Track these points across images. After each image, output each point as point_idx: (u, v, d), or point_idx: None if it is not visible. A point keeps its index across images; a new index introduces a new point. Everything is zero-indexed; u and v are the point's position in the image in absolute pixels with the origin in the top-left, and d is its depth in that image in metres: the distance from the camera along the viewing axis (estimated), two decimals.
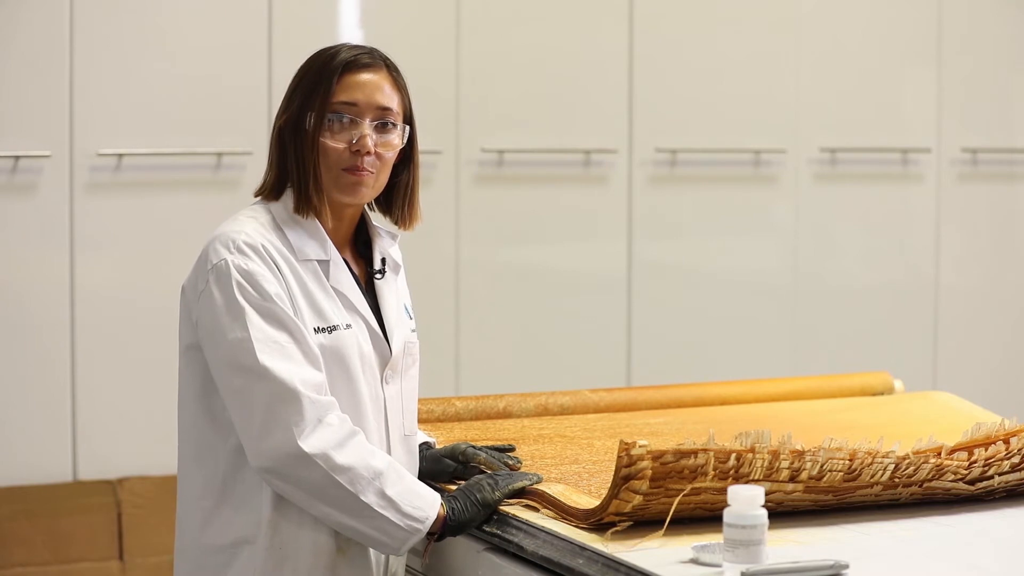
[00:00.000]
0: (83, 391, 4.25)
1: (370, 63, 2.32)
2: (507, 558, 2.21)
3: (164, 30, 4.35)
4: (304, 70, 2.31)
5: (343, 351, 2.25)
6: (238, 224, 2.25)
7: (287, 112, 2.30)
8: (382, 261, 2.39)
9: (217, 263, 2.19)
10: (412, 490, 2.20)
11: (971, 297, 5.39)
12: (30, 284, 4.24)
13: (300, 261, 2.26)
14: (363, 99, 2.30)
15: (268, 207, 2.30)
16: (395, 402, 2.34)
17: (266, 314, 2.17)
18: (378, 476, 2.16)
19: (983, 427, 2.31)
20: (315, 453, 2.13)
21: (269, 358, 2.14)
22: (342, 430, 2.16)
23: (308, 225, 2.28)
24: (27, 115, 4.20)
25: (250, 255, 2.20)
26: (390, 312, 2.36)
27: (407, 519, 2.18)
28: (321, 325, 2.24)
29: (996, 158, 5.40)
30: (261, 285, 2.18)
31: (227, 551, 2.25)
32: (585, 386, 3.16)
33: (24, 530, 4.10)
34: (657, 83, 4.91)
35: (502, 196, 4.74)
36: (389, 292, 2.38)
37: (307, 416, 2.14)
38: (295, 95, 2.29)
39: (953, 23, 5.28)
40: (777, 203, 5.12)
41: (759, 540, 1.90)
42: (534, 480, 2.31)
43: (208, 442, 2.25)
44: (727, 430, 2.29)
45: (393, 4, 4.66)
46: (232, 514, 2.24)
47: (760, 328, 5.09)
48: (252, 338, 2.15)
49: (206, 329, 2.20)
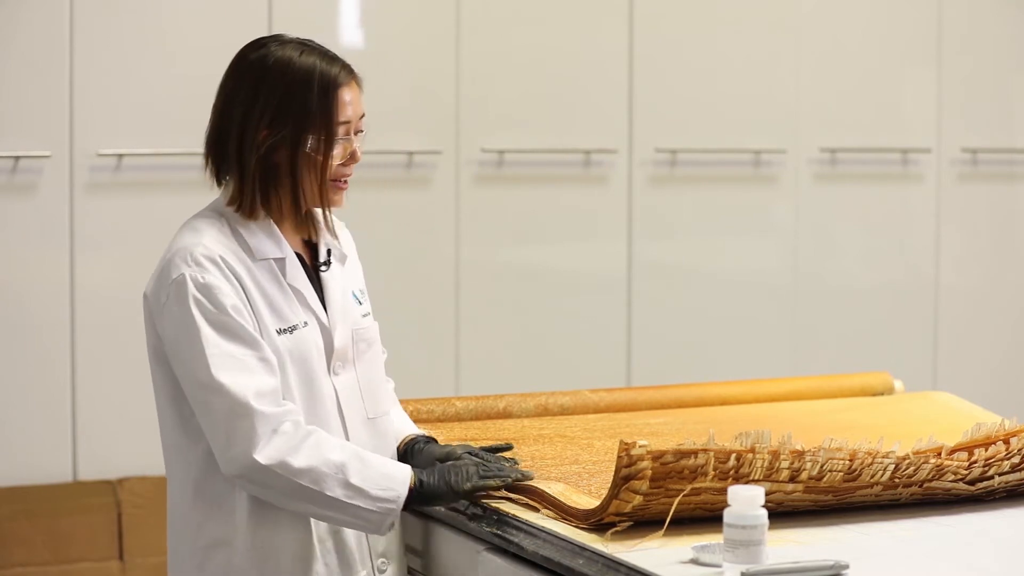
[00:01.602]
0: (83, 391, 4.25)
1: (351, 73, 2.36)
2: (507, 558, 2.21)
3: (164, 30, 4.35)
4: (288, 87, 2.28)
5: (304, 349, 2.31)
6: (196, 235, 2.28)
7: (277, 131, 2.28)
8: (327, 252, 2.43)
9: (176, 277, 2.24)
10: (379, 471, 2.25)
11: (971, 297, 5.39)
12: (30, 284, 4.24)
13: (257, 261, 2.30)
14: (354, 115, 2.35)
15: (221, 211, 2.33)
16: (350, 390, 2.38)
17: (222, 328, 2.22)
18: (340, 469, 2.22)
19: (983, 427, 2.31)
20: (272, 463, 2.20)
21: (225, 373, 2.20)
22: (296, 435, 2.22)
23: (263, 225, 2.33)
24: (27, 115, 4.20)
25: (208, 268, 2.24)
26: (334, 305, 2.39)
27: (378, 502, 2.24)
28: (282, 326, 2.29)
29: (996, 158, 5.40)
30: (218, 299, 2.23)
31: (202, 552, 2.30)
32: (585, 386, 3.16)
33: (24, 530, 4.10)
34: (657, 83, 4.91)
35: (502, 196, 4.74)
36: (334, 284, 2.42)
37: (259, 430, 2.20)
38: (285, 115, 2.27)
39: (953, 23, 5.28)
40: (777, 203, 5.12)
41: (759, 540, 1.90)
42: (507, 481, 2.31)
43: (181, 446, 2.30)
44: (727, 430, 2.29)
45: (393, 4, 4.66)
46: (206, 516, 2.29)
47: (760, 328, 5.09)
48: (208, 354, 2.20)
49: (169, 342, 2.26)
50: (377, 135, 4.58)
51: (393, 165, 4.61)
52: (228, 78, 2.34)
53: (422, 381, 4.34)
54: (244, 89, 2.30)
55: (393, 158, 4.60)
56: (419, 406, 2.81)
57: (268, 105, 2.29)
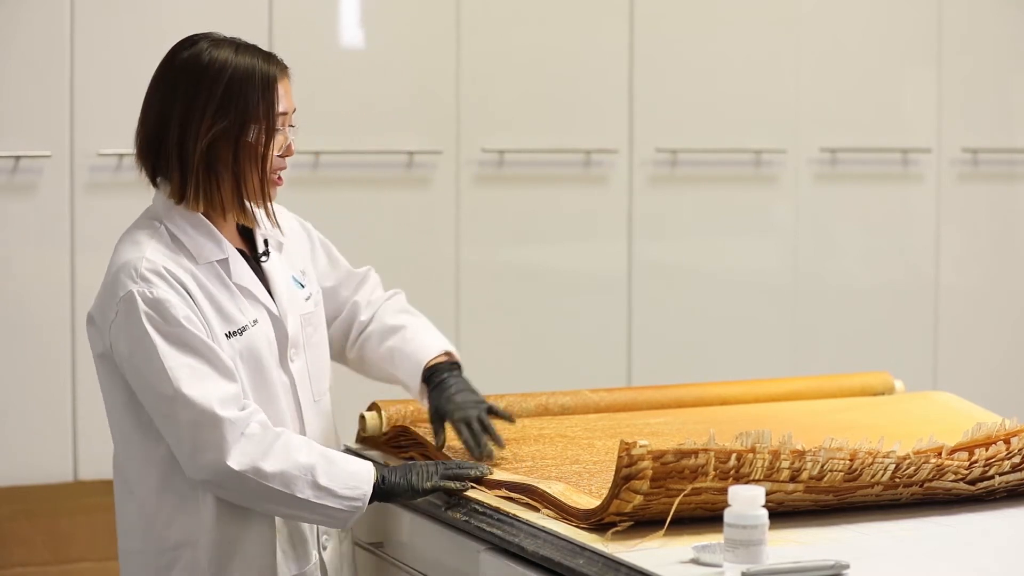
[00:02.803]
0: (84, 391, 4.25)
1: (285, 68, 2.39)
2: (507, 558, 2.21)
3: (164, 30, 4.32)
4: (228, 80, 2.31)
5: (255, 349, 2.34)
6: (137, 248, 2.29)
7: (219, 123, 2.30)
8: (264, 243, 2.44)
9: (124, 295, 2.25)
10: (345, 470, 2.30)
11: (971, 297, 5.39)
12: (31, 284, 4.24)
13: (200, 265, 2.31)
14: (289, 107, 2.38)
15: (159, 218, 2.34)
16: (302, 376, 2.42)
17: (175, 341, 2.24)
18: (309, 470, 2.26)
19: (983, 427, 2.31)
20: (244, 469, 2.23)
21: (185, 385, 2.22)
22: (265, 438, 2.25)
23: (200, 227, 2.34)
24: (27, 115, 4.20)
25: (154, 282, 2.25)
26: (281, 295, 2.42)
27: (345, 501, 2.29)
28: (231, 329, 2.32)
29: (996, 158, 5.40)
30: (168, 312, 2.24)
31: (168, 553, 2.32)
32: (585, 386, 3.16)
33: (24, 530, 4.10)
34: (657, 83, 4.91)
35: (502, 196, 4.74)
36: (277, 273, 2.44)
37: (228, 436, 2.22)
38: (227, 107, 2.29)
39: (953, 23, 5.28)
40: (777, 203, 5.12)
41: (759, 540, 1.90)
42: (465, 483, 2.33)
43: (141, 450, 2.32)
44: (728, 430, 2.29)
45: (393, 4, 4.66)
46: (171, 518, 2.31)
47: (760, 328, 5.09)
48: (166, 367, 2.22)
49: (123, 358, 2.26)
50: (377, 135, 4.62)
51: (393, 165, 4.61)
52: (163, 76, 2.36)
53: None
54: (182, 86, 2.32)
55: (393, 158, 4.60)
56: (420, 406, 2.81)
57: (211, 98, 2.31)
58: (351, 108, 4.53)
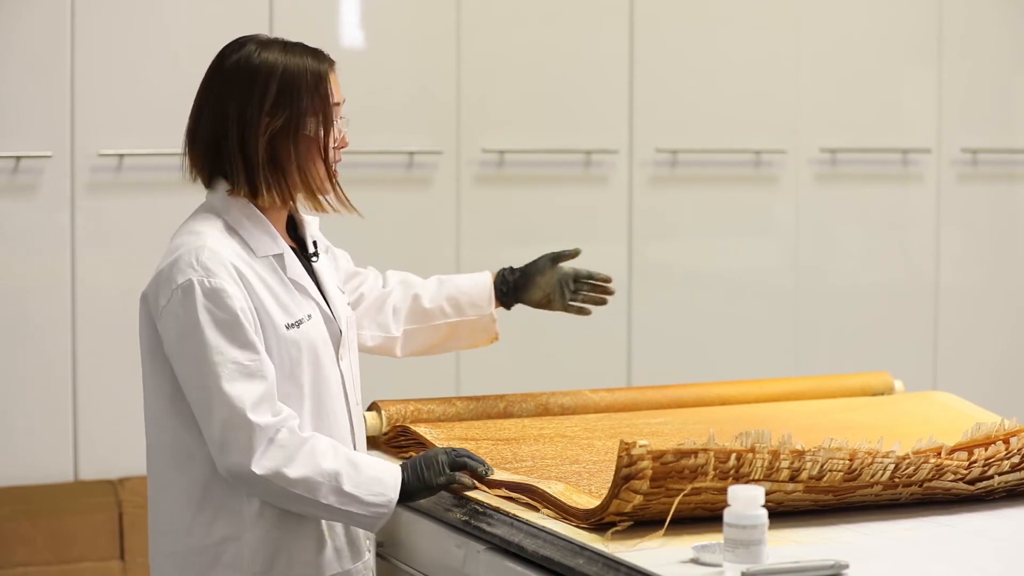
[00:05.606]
0: (84, 391, 4.25)
1: (331, 61, 2.42)
2: (507, 558, 2.21)
3: (165, 30, 4.35)
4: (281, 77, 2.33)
5: (312, 341, 2.34)
6: (198, 237, 2.30)
7: (277, 120, 2.32)
8: (314, 244, 2.48)
9: (183, 283, 2.25)
10: (371, 477, 2.29)
11: (971, 297, 5.39)
12: (31, 284, 4.24)
13: (258, 258, 2.33)
14: (340, 98, 2.42)
15: (216, 212, 2.36)
16: (349, 376, 2.44)
17: (227, 334, 2.24)
18: (334, 477, 2.25)
19: (983, 427, 2.31)
20: (267, 474, 2.23)
21: (226, 381, 2.22)
22: (292, 444, 2.24)
23: (258, 222, 2.35)
24: (28, 115, 4.20)
25: (215, 271, 2.26)
26: (333, 293, 2.45)
27: (370, 507, 2.28)
28: (290, 321, 2.32)
29: (996, 158, 5.40)
30: (225, 303, 2.25)
31: (211, 551, 2.30)
32: (585, 386, 3.17)
33: (25, 530, 4.10)
34: (657, 83, 4.91)
35: (502, 197, 4.74)
36: (326, 273, 2.47)
37: (255, 441, 2.22)
38: (283, 101, 2.32)
39: (953, 23, 5.29)
40: (777, 203, 5.12)
41: (759, 540, 1.91)
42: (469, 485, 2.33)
43: (186, 448, 2.31)
44: (727, 430, 2.29)
45: (393, 4, 4.67)
46: (215, 515, 2.30)
47: (760, 328, 5.09)
48: (212, 360, 2.23)
49: (171, 344, 2.27)
50: (377, 135, 4.62)
51: (393, 165, 4.61)
52: (213, 79, 2.37)
53: (422, 381, 4.33)
54: (235, 88, 2.33)
55: (393, 158, 4.61)
56: (420, 406, 2.81)
57: (265, 97, 2.32)
58: (351, 108, 4.50)
